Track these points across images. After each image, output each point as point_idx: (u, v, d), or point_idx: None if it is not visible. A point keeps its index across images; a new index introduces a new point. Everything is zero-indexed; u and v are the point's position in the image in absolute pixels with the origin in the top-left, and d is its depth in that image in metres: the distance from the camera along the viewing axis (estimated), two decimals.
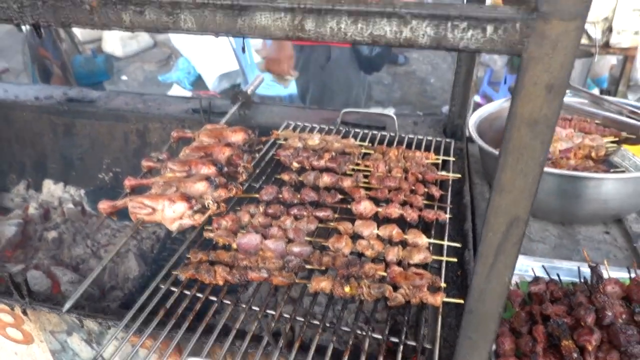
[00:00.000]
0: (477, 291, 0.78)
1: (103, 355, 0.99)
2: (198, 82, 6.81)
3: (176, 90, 6.73)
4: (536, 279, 1.21)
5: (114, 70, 5.45)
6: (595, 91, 4.77)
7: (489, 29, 0.58)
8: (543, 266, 1.27)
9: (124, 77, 7.12)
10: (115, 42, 7.68)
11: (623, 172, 1.53)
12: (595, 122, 1.78)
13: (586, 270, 1.21)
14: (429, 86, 6.48)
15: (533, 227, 1.60)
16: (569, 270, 1.29)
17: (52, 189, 2.27)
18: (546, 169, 1.47)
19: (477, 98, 5.64)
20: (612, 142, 1.68)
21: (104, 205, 1.41)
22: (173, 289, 1.14)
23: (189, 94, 6.56)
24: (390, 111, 5.73)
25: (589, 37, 3.63)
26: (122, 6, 0.67)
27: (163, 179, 1.46)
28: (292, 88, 5.07)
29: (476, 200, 1.68)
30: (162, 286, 1.14)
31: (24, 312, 1.16)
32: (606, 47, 3.68)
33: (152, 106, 2.20)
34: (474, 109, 1.89)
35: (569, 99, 1.87)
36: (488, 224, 0.71)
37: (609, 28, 3.64)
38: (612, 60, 4.40)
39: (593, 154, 1.64)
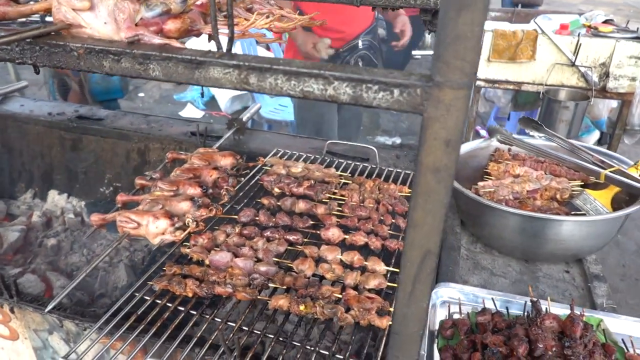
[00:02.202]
0: (400, 315, 0.88)
1: (77, 351, 1.10)
2: (211, 103, 7.03)
3: (190, 110, 6.96)
4: (483, 310, 1.30)
5: (129, 88, 5.68)
6: (595, 134, 4.85)
7: (396, 92, 0.70)
8: (492, 298, 1.36)
9: (141, 94, 7.38)
10: None
11: (584, 215, 1.63)
12: (566, 166, 1.87)
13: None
14: (418, 119, 6.58)
15: (497, 262, 1.68)
16: (519, 304, 1.38)
17: (56, 199, 2.42)
18: (510, 209, 1.57)
19: (483, 132, 5.75)
20: (580, 185, 1.78)
21: (95, 218, 1.54)
22: (146, 297, 1.25)
23: (201, 113, 6.79)
24: (397, 141, 5.81)
25: (587, 81, 3.74)
26: (103, 55, 0.81)
27: (151, 197, 1.59)
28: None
29: (445, 234, 1.77)
30: (137, 294, 1.26)
31: (12, 310, 1.28)
32: (603, 91, 3.78)
33: (155, 127, 2.35)
34: None
35: (543, 142, 1.97)
36: (405, 256, 0.81)
37: (606, 73, 3.74)
38: (612, 103, 4.49)
39: (558, 196, 1.73)
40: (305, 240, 1.48)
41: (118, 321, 1.17)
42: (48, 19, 1.00)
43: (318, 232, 1.50)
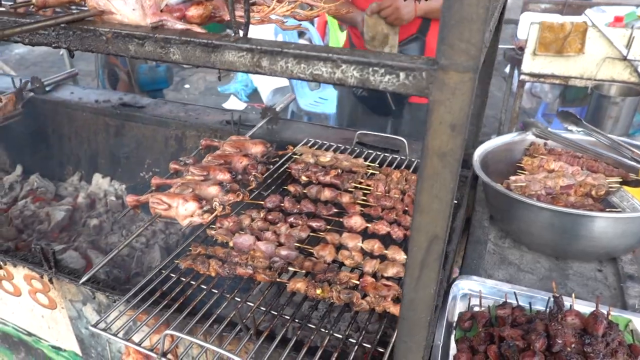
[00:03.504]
0: (407, 300, 0.88)
1: (106, 321, 1.17)
2: (254, 95, 7.15)
3: (233, 102, 7.11)
4: (504, 304, 1.28)
5: (174, 79, 5.87)
6: None
7: (402, 75, 0.70)
8: (514, 293, 1.33)
9: (186, 86, 7.61)
10: None
11: (619, 212, 1.56)
12: (604, 162, 1.79)
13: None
14: None
15: (525, 258, 1.64)
16: (542, 300, 1.34)
17: (100, 182, 2.55)
18: (540, 204, 1.52)
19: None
20: (618, 182, 1.70)
21: (130, 199, 1.62)
22: (172, 275, 1.32)
23: (244, 105, 6.93)
24: None
25: (639, 76, 3.54)
26: (129, 39, 0.85)
27: (182, 181, 1.65)
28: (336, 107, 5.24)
29: (473, 227, 1.75)
30: (164, 272, 1.32)
31: (50, 281, 1.38)
32: None
33: (192, 115, 2.43)
34: None
35: (581, 137, 1.90)
36: (412, 241, 0.82)
37: None
38: None
39: (593, 193, 1.66)
40: (328, 227, 1.50)
41: (144, 295, 1.23)
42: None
43: (341, 219, 1.52)
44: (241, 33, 0.83)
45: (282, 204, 1.59)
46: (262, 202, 1.63)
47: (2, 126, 2.78)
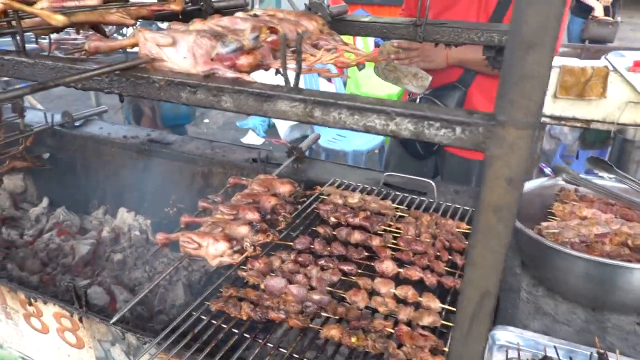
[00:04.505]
0: (455, 355, 0.85)
1: None
2: (271, 130, 7.24)
3: (251, 136, 7.21)
4: (544, 358, 1.23)
5: (196, 115, 5.98)
6: None
7: (458, 129, 0.70)
8: (555, 347, 1.29)
9: (206, 121, 7.75)
10: None
11: None
12: (638, 211, 1.76)
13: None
14: None
15: (560, 308, 1.59)
16: (584, 355, 1.29)
17: (124, 217, 2.57)
18: (576, 253, 1.49)
19: (547, 170, 5.51)
20: None
21: (160, 237, 1.62)
22: (203, 317, 1.30)
23: (261, 140, 7.02)
24: None
25: None
26: (181, 87, 0.87)
27: (212, 219, 1.65)
28: (354, 145, 5.28)
29: (504, 274, 1.71)
30: (194, 313, 1.30)
31: (80, 320, 1.37)
32: None
33: (218, 153, 2.46)
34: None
35: (613, 184, 1.88)
36: (463, 295, 0.80)
37: None
38: None
39: (630, 242, 1.62)
40: (359, 271, 1.48)
41: (175, 338, 1.21)
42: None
43: (372, 263, 1.50)
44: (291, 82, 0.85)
45: (312, 246, 1.58)
46: (291, 243, 1.62)
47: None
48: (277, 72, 1.16)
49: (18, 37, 1.05)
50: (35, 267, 2.20)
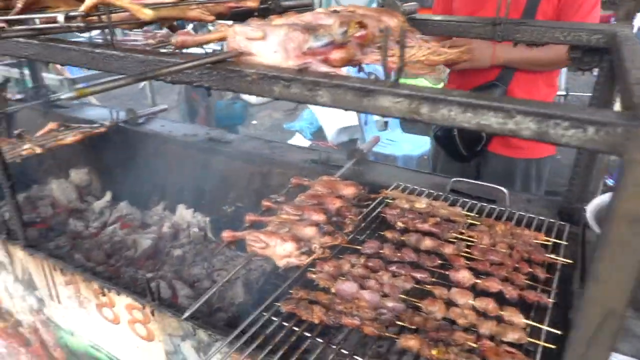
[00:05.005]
0: None
1: None
2: (318, 133, 7.23)
3: (297, 139, 7.23)
4: None
5: (247, 116, 6.06)
6: None
7: (591, 130, 0.63)
8: None
9: (254, 122, 7.85)
10: None
11: None
12: None
13: None
14: (554, 162, 6.14)
15: None
16: None
17: (183, 213, 2.60)
18: None
19: (610, 182, 5.21)
20: None
21: (226, 234, 1.61)
22: (274, 318, 1.27)
23: (308, 142, 7.02)
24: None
25: None
26: (274, 81, 0.84)
27: (279, 219, 1.63)
28: (405, 150, 5.17)
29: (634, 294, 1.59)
30: (265, 314, 1.28)
31: (152, 313, 1.37)
32: None
33: (277, 153, 2.45)
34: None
35: None
36: (582, 313, 0.72)
37: None
38: None
39: None
40: (433, 279, 1.41)
41: (247, 338, 1.19)
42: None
43: (446, 272, 1.43)
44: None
45: (381, 251, 1.52)
46: (358, 247, 1.57)
47: (96, 154, 2.93)
48: (360, 69, 1.12)
49: (107, 31, 1.06)
50: (100, 258, 2.26)
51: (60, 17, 1.01)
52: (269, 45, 0.93)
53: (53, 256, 1.69)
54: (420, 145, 5.22)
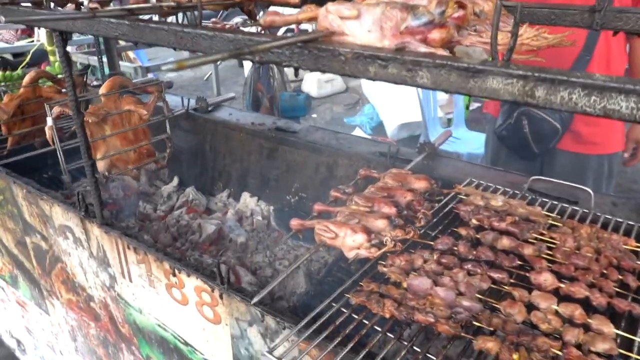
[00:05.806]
0: None
1: (277, 347, 1.12)
2: (378, 128, 7.14)
3: (357, 133, 7.18)
4: None
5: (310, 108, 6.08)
6: None
7: None
8: None
9: (314, 115, 7.87)
10: (312, 84, 8.57)
11: None
12: None
13: None
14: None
15: None
16: None
17: (247, 201, 2.63)
18: None
19: None
20: None
21: (295, 223, 1.60)
22: (343, 309, 1.24)
23: (368, 137, 6.95)
24: None
25: None
26: (370, 60, 0.81)
27: (348, 210, 1.60)
28: (469, 147, 5.00)
29: None
30: (334, 305, 1.25)
31: (221, 296, 1.38)
32: None
33: (344, 144, 2.42)
34: None
35: None
36: None
37: None
38: None
39: None
40: (512, 280, 1.33)
41: (316, 327, 1.17)
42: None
43: (526, 274, 1.34)
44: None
45: (455, 248, 1.46)
46: (430, 243, 1.51)
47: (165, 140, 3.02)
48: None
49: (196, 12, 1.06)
50: (167, 241, 2.33)
51: None
52: (363, 24, 0.89)
53: (127, 235, 1.75)
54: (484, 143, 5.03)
